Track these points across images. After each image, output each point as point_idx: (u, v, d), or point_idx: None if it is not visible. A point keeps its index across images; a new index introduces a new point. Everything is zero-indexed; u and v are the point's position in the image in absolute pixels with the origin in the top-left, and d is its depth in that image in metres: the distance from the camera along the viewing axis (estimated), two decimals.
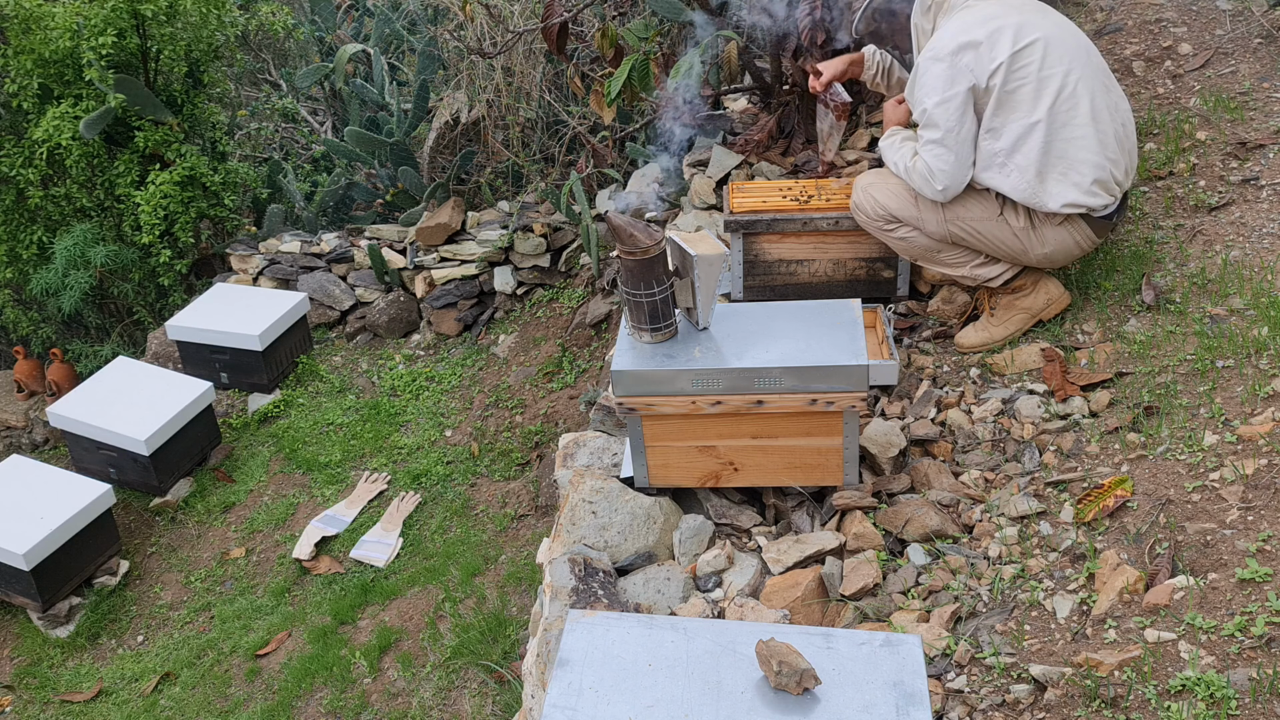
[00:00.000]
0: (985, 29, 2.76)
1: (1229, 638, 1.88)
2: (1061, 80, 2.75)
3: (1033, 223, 2.88)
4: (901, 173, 2.96)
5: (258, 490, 4.72)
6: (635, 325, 2.55)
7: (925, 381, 3.03)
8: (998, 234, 2.91)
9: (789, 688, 1.69)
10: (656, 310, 2.51)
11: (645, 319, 2.52)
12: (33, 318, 6.06)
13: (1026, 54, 2.74)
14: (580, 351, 4.84)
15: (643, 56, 3.73)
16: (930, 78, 2.80)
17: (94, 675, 4.03)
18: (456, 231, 5.44)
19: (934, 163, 2.85)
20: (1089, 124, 2.77)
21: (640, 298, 2.49)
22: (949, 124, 2.79)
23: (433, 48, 6.09)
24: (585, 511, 2.60)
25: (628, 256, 2.46)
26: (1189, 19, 4.07)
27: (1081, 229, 2.88)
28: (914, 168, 2.91)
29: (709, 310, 2.56)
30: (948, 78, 2.77)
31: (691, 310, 2.56)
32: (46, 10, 5.16)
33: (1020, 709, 1.94)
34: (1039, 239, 2.89)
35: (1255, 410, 2.38)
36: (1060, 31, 2.82)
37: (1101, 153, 2.78)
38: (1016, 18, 2.78)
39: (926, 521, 2.44)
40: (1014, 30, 2.76)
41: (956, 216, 2.93)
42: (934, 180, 2.86)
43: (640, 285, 2.47)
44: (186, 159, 5.47)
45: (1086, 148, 2.77)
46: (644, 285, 2.47)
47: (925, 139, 2.85)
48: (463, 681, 3.51)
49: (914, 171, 2.91)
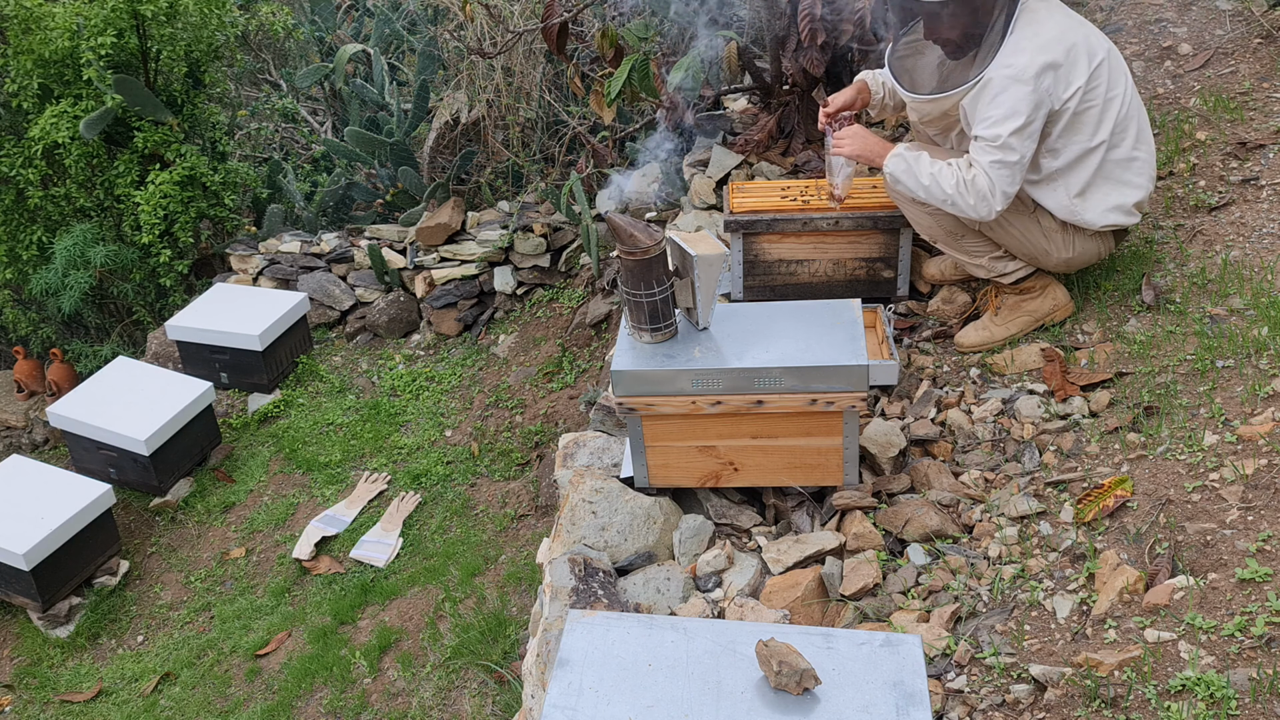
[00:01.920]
0: (1062, 47, 2.68)
1: (1229, 638, 1.88)
2: (1120, 101, 2.75)
3: (1066, 227, 2.88)
4: (948, 191, 2.78)
5: (258, 490, 4.72)
6: (635, 325, 2.55)
7: (925, 381, 3.03)
8: (1027, 230, 2.90)
9: (789, 688, 1.69)
10: (656, 310, 2.51)
11: (645, 319, 2.52)
12: (32, 318, 6.06)
13: (1098, 75, 2.71)
14: (580, 351, 4.84)
15: (643, 56, 3.73)
16: (1011, 100, 2.68)
17: (94, 675, 4.03)
18: (456, 231, 5.44)
19: (1000, 184, 2.72)
20: (1139, 146, 2.80)
21: (640, 298, 2.49)
22: (1025, 151, 2.70)
23: (433, 48, 6.09)
24: (585, 511, 2.60)
25: (628, 256, 2.46)
26: (1189, 19, 4.07)
27: (1108, 241, 2.93)
28: (972, 184, 2.74)
29: (709, 310, 2.56)
30: (1031, 103, 2.67)
31: (691, 310, 2.57)
32: (46, 10, 5.16)
33: (1020, 709, 1.94)
34: (1066, 243, 2.89)
35: (1255, 410, 2.38)
36: (1111, 45, 2.81)
37: (1146, 173, 2.83)
38: (1083, 30, 2.75)
39: (926, 521, 2.44)
40: (1087, 50, 2.71)
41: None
42: (994, 201, 2.74)
43: (640, 285, 2.47)
44: (186, 159, 5.48)
45: (1136, 170, 2.81)
46: (644, 285, 2.47)
47: (993, 159, 2.71)
48: (463, 681, 3.51)
49: (970, 189, 2.74)
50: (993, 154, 2.71)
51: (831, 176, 3.20)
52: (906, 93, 2.96)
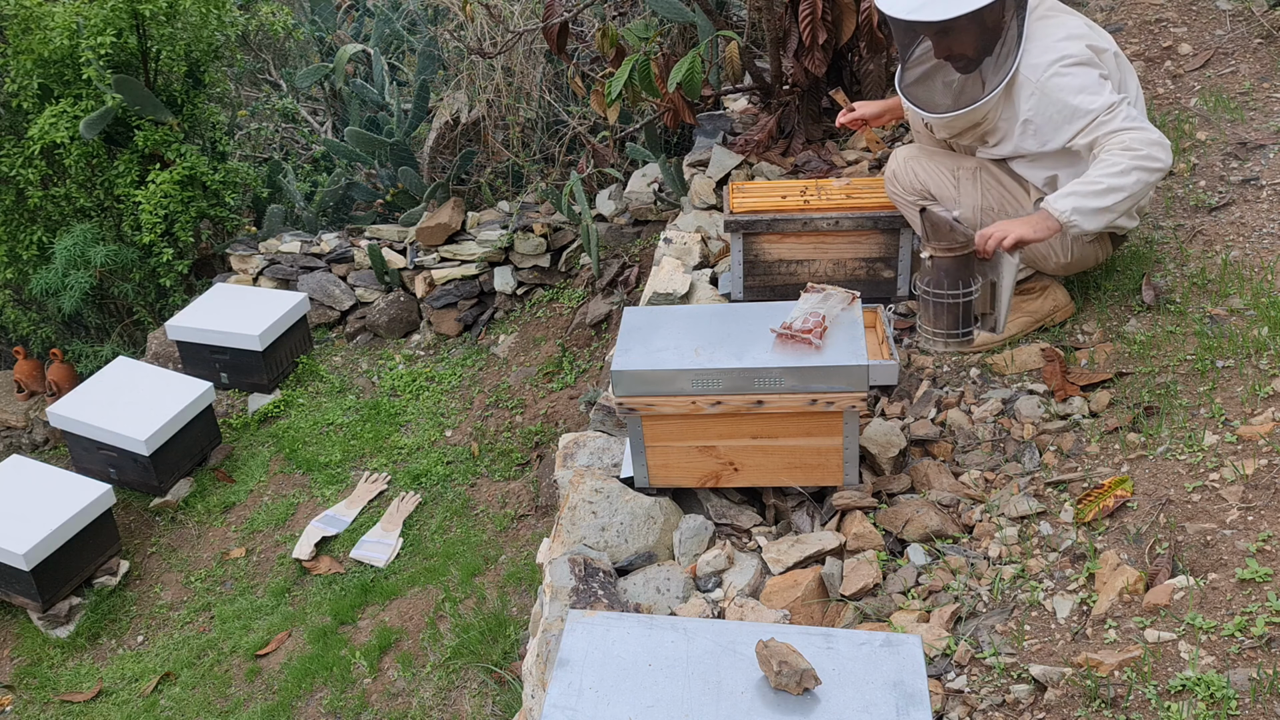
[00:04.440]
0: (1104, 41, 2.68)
1: (1229, 638, 1.88)
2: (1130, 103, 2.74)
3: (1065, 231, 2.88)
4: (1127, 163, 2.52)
5: (258, 490, 4.72)
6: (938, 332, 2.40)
7: (925, 381, 3.03)
8: None
9: (789, 688, 1.69)
10: (967, 313, 2.36)
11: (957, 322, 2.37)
12: (33, 318, 6.06)
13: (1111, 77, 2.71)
14: (580, 351, 4.84)
15: (643, 57, 3.73)
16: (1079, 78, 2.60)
17: (94, 675, 4.03)
18: (456, 231, 5.44)
19: (1147, 127, 2.55)
20: None
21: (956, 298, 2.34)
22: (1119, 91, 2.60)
23: (433, 48, 6.09)
24: (585, 511, 2.60)
25: (946, 254, 2.33)
26: (1189, 19, 4.07)
27: (1106, 245, 2.93)
28: (1135, 142, 2.52)
29: (1006, 314, 2.44)
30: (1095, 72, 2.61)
31: (987, 316, 2.45)
32: (46, 10, 5.16)
33: (1020, 709, 1.94)
34: (1065, 248, 2.89)
35: (1255, 410, 2.38)
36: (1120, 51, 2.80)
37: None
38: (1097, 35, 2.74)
39: (926, 521, 2.44)
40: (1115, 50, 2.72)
41: (992, 207, 2.90)
42: (1161, 139, 2.53)
43: (957, 284, 2.34)
44: (186, 159, 5.47)
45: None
46: (960, 284, 2.35)
47: (1121, 119, 2.56)
48: (463, 681, 3.51)
49: (1140, 145, 2.52)
50: (1114, 113, 2.56)
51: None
52: (931, 115, 2.87)
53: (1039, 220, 2.59)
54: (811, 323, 2.47)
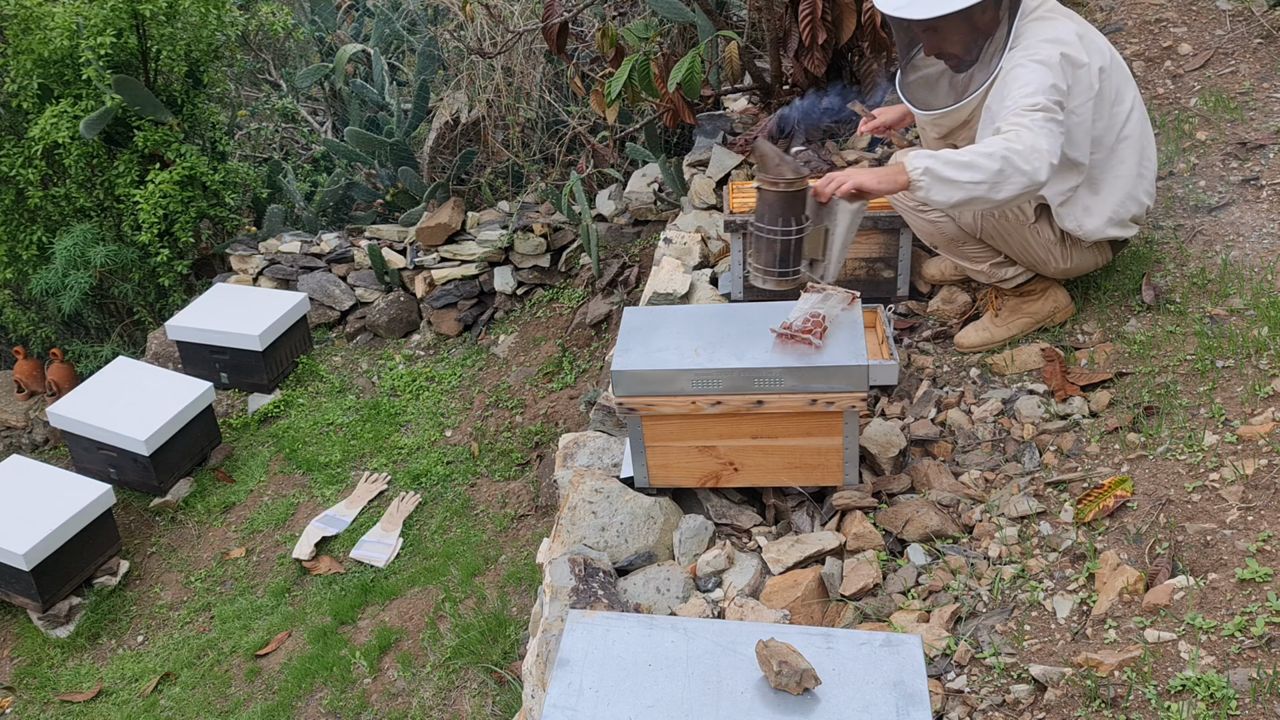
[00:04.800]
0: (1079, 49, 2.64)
1: (1229, 638, 1.88)
2: (1126, 114, 2.73)
3: (1064, 240, 2.88)
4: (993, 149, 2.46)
5: (258, 490, 4.72)
6: (762, 268, 2.37)
7: (925, 381, 3.03)
8: (1027, 241, 2.90)
9: (789, 688, 1.69)
10: (788, 252, 2.33)
11: (775, 260, 2.36)
12: (32, 318, 6.06)
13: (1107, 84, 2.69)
14: (580, 351, 4.84)
15: (643, 57, 3.73)
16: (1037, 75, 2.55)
17: (94, 675, 4.03)
18: (456, 231, 5.44)
19: (1045, 137, 2.48)
20: (1145, 161, 2.79)
21: (776, 235, 2.32)
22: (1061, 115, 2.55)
23: (433, 48, 6.09)
24: (585, 511, 2.60)
25: (770, 188, 2.31)
26: (1189, 19, 4.07)
27: (1106, 251, 2.93)
28: (1017, 138, 2.46)
29: (838, 265, 2.40)
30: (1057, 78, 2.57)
31: (817, 262, 2.44)
32: (46, 10, 5.17)
33: (1020, 709, 1.94)
34: (1064, 255, 2.89)
35: (1255, 410, 2.38)
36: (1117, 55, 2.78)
37: (1145, 188, 2.82)
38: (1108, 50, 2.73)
39: (926, 521, 2.44)
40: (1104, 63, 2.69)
41: (991, 214, 2.91)
42: (1045, 154, 2.46)
43: (778, 221, 2.32)
44: (186, 159, 5.48)
45: (1135, 186, 2.80)
46: (782, 222, 2.32)
47: (1034, 116, 2.49)
48: (463, 681, 3.51)
49: (1017, 142, 2.46)
50: (1032, 113, 2.51)
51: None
52: (923, 112, 2.86)
53: (888, 172, 2.51)
54: (811, 323, 2.47)
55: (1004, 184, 2.46)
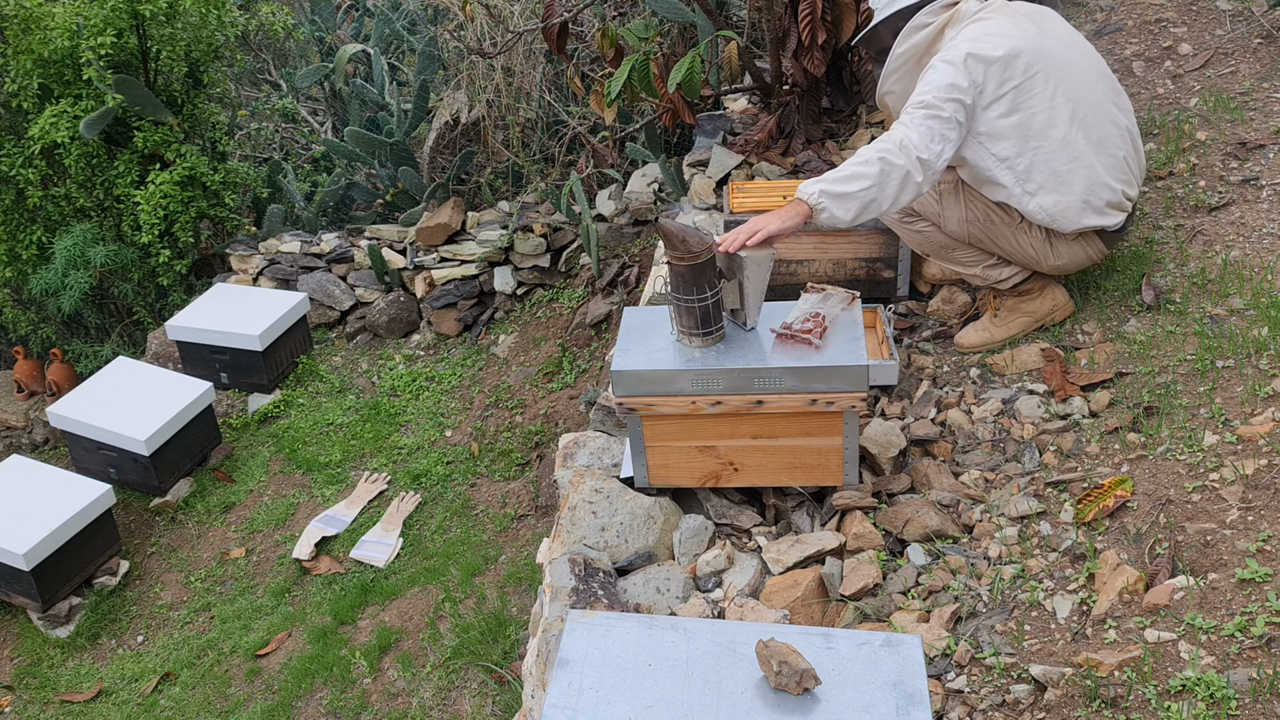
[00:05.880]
0: (999, 47, 2.67)
1: (1229, 638, 1.88)
2: (1071, 108, 2.72)
3: (1050, 237, 2.88)
4: (868, 155, 2.53)
5: (258, 490, 4.72)
6: (685, 331, 2.51)
7: (925, 381, 3.03)
8: (1015, 241, 2.90)
9: (789, 688, 1.69)
10: (708, 314, 2.46)
11: (697, 324, 2.48)
12: (32, 318, 6.06)
13: (1034, 75, 2.69)
14: (580, 351, 4.84)
15: (643, 57, 3.73)
16: (937, 75, 2.66)
17: (94, 675, 4.03)
18: (456, 231, 5.44)
19: (922, 134, 2.57)
20: (1098, 148, 2.77)
21: (693, 303, 2.44)
22: (953, 112, 2.61)
23: (433, 48, 6.09)
24: (585, 511, 2.60)
25: (679, 262, 2.40)
26: (1189, 19, 4.07)
27: (1095, 243, 2.91)
28: (890, 137, 2.55)
29: (756, 311, 2.51)
30: (957, 77, 2.64)
31: (738, 311, 2.52)
32: (46, 10, 5.17)
33: (1020, 709, 1.94)
34: (1054, 252, 2.89)
35: (1255, 410, 2.38)
36: (1069, 51, 2.78)
37: (1107, 172, 2.79)
38: (1033, 42, 2.71)
39: (926, 521, 2.44)
40: (1027, 55, 2.69)
41: (977, 219, 2.91)
42: (917, 150, 2.54)
43: (693, 290, 2.42)
44: (186, 159, 5.48)
45: (1098, 172, 2.78)
46: (696, 290, 2.42)
47: (919, 113, 2.60)
48: (463, 681, 3.51)
49: (890, 140, 2.55)
50: (912, 111, 2.61)
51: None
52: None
53: (789, 209, 2.52)
54: (811, 323, 2.48)
55: (888, 183, 2.52)
